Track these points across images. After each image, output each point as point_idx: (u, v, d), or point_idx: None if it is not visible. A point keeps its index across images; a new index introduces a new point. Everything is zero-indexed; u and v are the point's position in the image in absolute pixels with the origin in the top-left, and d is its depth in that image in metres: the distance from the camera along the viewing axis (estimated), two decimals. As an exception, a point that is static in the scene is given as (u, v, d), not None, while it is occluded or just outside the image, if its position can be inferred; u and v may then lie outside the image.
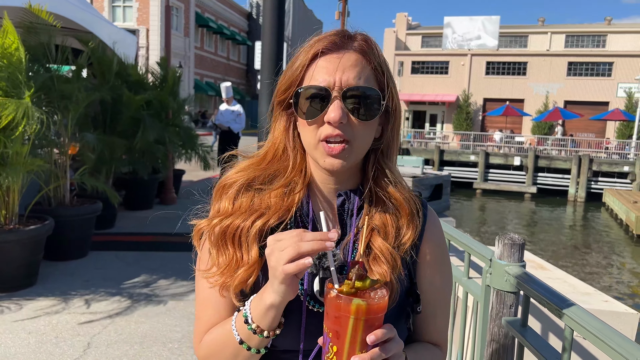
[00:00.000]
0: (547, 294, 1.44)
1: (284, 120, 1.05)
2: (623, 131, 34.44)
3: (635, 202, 18.86)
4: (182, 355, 3.65)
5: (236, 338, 0.93)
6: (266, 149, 1.08)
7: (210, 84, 39.76)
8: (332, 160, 0.96)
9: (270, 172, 1.05)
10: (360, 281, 0.82)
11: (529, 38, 40.83)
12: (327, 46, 0.97)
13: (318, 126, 0.97)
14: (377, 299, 0.81)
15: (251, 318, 0.91)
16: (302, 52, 1.00)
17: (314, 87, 0.96)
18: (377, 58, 0.99)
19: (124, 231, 7.03)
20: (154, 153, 7.75)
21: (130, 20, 31.56)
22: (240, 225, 0.99)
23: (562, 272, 3.41)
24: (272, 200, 1.01)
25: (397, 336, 0.86)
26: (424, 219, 1.09)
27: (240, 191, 1.04)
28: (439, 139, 35.79)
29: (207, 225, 1.03)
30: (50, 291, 4.73)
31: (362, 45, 0.98)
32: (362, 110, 0.95)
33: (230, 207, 1.03)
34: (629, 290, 12.06)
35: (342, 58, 0.96)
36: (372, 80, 0.98)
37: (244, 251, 0.98)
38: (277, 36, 4.64)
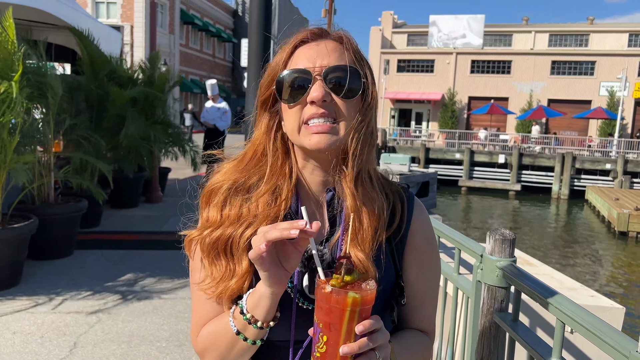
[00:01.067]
0: (539, 288, 1.46)
1: (266, 120, 1.06)
2: (605, 129, 34.94)
3: (616, 199, 19.16)
4: (170, 354, 3.62)
5: (233, 329, 0.95)
6: (246, 149, 1.09)
7: (195, 81, 39.49)
8: (318, 137, 0.96)
9: (253, 175, 1.05)
10: (349, 275, 0.84)
11: (514, 37, 41.20)
12: (306, 37, 1.01)
13: (301, 108, 0.98)
14: (369, 291, 0.84)
15: (246, 308, 0.93)
16: (282, 48, 1.03)
17: (295, 70, 0.98)
18: (355, 47, 1.03)
19: (109, 230, 6.96)
20: (139, 151, 7.68)
21: (114, 17, 31.21)
22: (231, 236, 0.99)
23: (549, 268, 3.45)
24: (259, 208, 1.01)
25: (383, 327, 0.88)
26: (410, 211, 1.10)
27: (227, 198, 1.04)
28: (425, 137, 35.97)
29: (199, 236, 1.03)
30: (34, 291, 4.66)
31: (340, 35, 1.03)
32: (345, 88, 0.97)
33: (218, 216, 1.02)
34: (613, 286, 12.26)
35: (321, 45, 0.99)
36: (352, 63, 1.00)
37: (236, 262, 0.99)
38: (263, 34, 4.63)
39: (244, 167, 1.05)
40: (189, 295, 4.72)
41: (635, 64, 35.79)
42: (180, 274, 5.22)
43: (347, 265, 0.85)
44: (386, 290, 1.04)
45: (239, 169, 1.05)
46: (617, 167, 25.24)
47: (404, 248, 1.09)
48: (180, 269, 5.41)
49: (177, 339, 3.85)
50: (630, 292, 11.90)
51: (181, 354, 3.63)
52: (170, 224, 7.46)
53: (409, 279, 1.09)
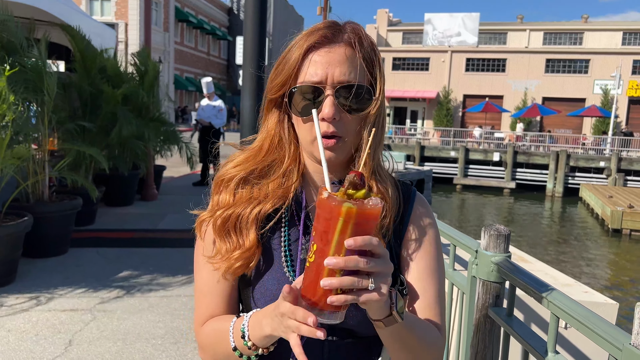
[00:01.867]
0: (533, 283, 1.47)
1: (276, 113, 1.08)
2: (599, 127, 35.11)
3: (610, 197, 19.27)
4: (165, 351, 3.62)
5: (231, 344, 0.98)
6: (261, 141, 1.10)
7: (190, 79, 39.40)
8: (328, 153, 0.99)
9: (266, 164, 1.08)
10: (354, 190, 0.80)
11: (508, 35, 41.32)
12: (319, 40, 0.99)
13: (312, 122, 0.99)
14: (369, 205, 0.78)
15: (248, 335, 0.94)
16: (295, 47, 1.01)
17: (307, 86, 0.98)
18: (367, 49, 1.02)
19: (104, 227, 6.94)
20: (133, 149, 7.65)
21: (109, 15, 31.07)
22: (240, 214, 1.03)
23: (543, 264, 3.47)
24: (269, 189, 1.05)
25: (385, 255, 0.82)
26: (412, 203, 1.12)
27: (239, 184, 1.07)
28: (420, 135, 36.05)
29: (210, 217, 1.06)
30: (29, 289, 4.65)
31: (352, 37, 1.01)
32: (354, 105, 0.99)
33: (231, 199, 1.06)
34: (607, 282, 12.34)
35: (334, 52, 0.99)
36: (362, 73, 1.00)
37: (244, 237, 1.02)
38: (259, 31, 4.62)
39: (262, 159, 1.08)
40: (184, 293, 4.72)
41: (629, 62, 35.97)
42: (176, 272, 5.22)
43: (354, 180, 0.81)
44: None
45: (257, 160, 1.08)
46: (611, 165, 25.39)
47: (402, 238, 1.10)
48: (175, 266, 5.42)
49: (173, 337, 3.85)
50: (624, 289, 11.98)
51: (177, 351, 3.63)
52: (165, 222, 7.45)
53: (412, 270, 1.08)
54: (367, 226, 0.79)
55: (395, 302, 0.88)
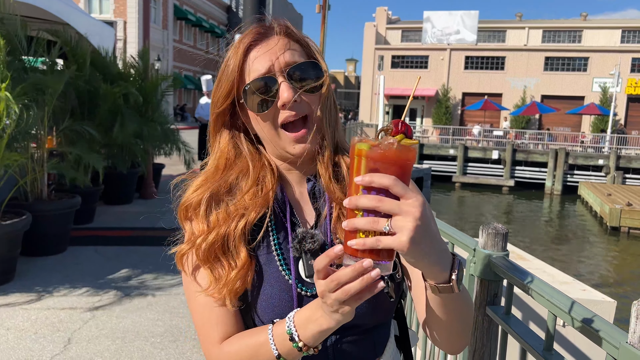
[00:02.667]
0: (531, 281, 1.47)
1: (227, 130, 1.07)
2: (598, 125, 35.13)
3: (609, 195, 19.29)
4: (164, 350, 3.63)
5: (273, 352, 0.92)
6: (216, 160, 1.07)
7: (189, 77, 39.35)
8: (300, 146, 0.99)
9: (230, 179, 1.04)
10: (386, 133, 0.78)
11: (507, 33, 41.30)
12: (254, 38, 1.00)
13: (273, 114, 0.99)
14: (382, 145, 0.76)
15: (298, 336, 0.89)
16: (232, 55, 1.01)
17: (259, 79, 0.97)
18: (299, 35, 1.04)
19: (103, 226, 6.94)
20: (133, 148, 7.65)
21: (107, 12, 31.03)
22: (226, 233, 0.99)
23: (541, 263, 3.48)
24: (247, 200, 1.01)
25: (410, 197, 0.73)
26: None
27: (208, 208, 1.03)
28: (419, 133, 36.02)
29: (190, 248, 1.03)
30: (28, 287, 4.65)
31: (283, 28, 1.03)
32: (309, 83, 0.99)
33: (205, 225, 1.01)
34: (605, 280, 12.36)
35: (271, 44, 0.99)
36: (303, 54, 1.02)
37: (236, 257, 0.99)
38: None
39: (221, 176, 1.05)
40: (183, 291, 4.71)
41: (627, 60, 35.98)
42: (175, 270, 5.19)
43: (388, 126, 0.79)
44: None
45: (217, 178, 1.05)
46: (609, 163, 25.40)
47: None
48: (174, 265, 5.40)
49: (172, 335, 3.85)
50: (622, 286, 12.01)
51: (175, 349, 3.64)
52: (164, 221, 7.42)
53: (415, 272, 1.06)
54: (386, 168, 0.76)
55: (457, 270, 0.84)
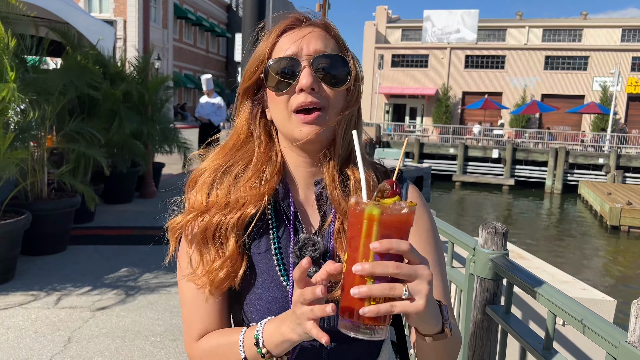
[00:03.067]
0: (530, 280, 1.47)
1: (247, 108, 1.06)
2: (598, 124, 35.12)
3: (609, 194, 19.28)
4: (164, 349, 3.63)
5: (240, 354, 0.92)
6: (229, 137, 1.08)
7: (189, 76, 39.33)
8: (308, 128, 0.96)
9: (237, 161, 1.04)
10: (382, 197, 0.79)
11: (507, 32, 41.27)
12: (290, 23, 1.00)
13: (289, 96, 0.97)
14: (391, 209, 0.77)
15: (262, 342, 0.89)
16: (266, 35, 1.02)
17: (283, 58, 0.97)
18: (338, 35, 1.03)
19: (103, 225, 6.94)
20: (132, 147, 7.65)
21: (107, 11, 31.00)
22: (219, 222, 0.99)
23: (541, 261, 3.48)
24: (246, 191, 1.00)
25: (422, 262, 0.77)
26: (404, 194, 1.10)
27: (213, 182, 1.03)
28: (419, 132, 36.03)
29: (184, 221, 1.02)
30: (28, 286, 4.65)
31: (323, 21, 1.02)
32: (332, 76, 0.97)
33: (204, 199, 1.02)
34: (605, 279, 12.36)
35: (306, 30, 0.99)
36: (335, 48, 1.01)
37: (224, 247, 0.98)
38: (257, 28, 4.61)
39: (226, 153, 1.05)
40: (183, 290, 4.72)
41: (628, 59, 35.96)
42: (174, 269, 5.19)
43: (384, 186, 0.80)
44: None
45: (222, 155, 1.05)
46: (609, 162, 25.40)
47: None
48: (174, 263, 5.41)
49: (172, 334, 3.85)
50: (622, 285, 12.01)
51: (175, 348, 3.64)
52: (164, 219, 7.43)
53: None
54: (395, 232, 0.77)
55: (448, 317, 0.87)
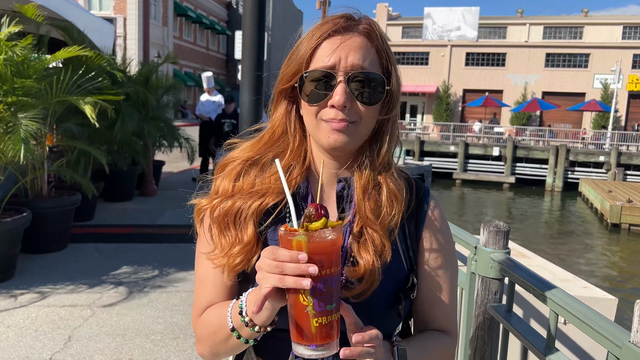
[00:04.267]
0: (532, 280, 1.46)
1: (284, 104, 1.06)
2: (599, 122, 35.09)
3: (609, 192, 19.27)
4: (165, 347, 3.62)
5: (229, 325, 0.94)
6: (264, 131, 1.09)
7: (189, 74, 39.28)
8: (336, 135, 0.97)
9: (267, 154, 1.06)
10: (309, 222, 0.82)
11: (508, 29, 41.19)
12: (332, 29, 0.97)
13: (320, 109, 0.97)
14: (318, 238, 0.81)
15: (245, 311, 0.91)
16: (307, 37, 1.00)
17: (319, 71, 0.96)
18: (381, 42, 1.00)
19: (103, 223, 6.94)
20: (133, 145, 7.64)
21: (107, 9, 30.94)
22: (241, 207, 1.01)
23: (542, 260, 3.47)
24: (271, 183, 1.02)
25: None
26: (425, 206, 1.10)
27: (241, 171, 1.05)
28: (420, 130, 36.00)
29: (208, 205, 1.05)
30: (28, 284, 4.64)
31: (367, 28, 0.99)
32: (367, 94, 0.96)
33: (230, 187, 1.04)
34: (606, 277, 12.35)
35: (347, 40, 0.97)
36: (376, 64, 0.99)
37: (243, 232, 1.00)
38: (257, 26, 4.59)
39: (261, 147, 1.07)
40: (183, 289, 4.72)
41: (629, 56, 35.89)
42: (175, 267, 5.22)
43: (310, 212, 0.83)
44: (398, 282, 1.03)
45: (256, 148, 1.07)
46: (610, 160, 25.37)
47: (419, 239, 1.08)
48: (174, 262, 5.42)
49: (172, 332, 3.85)
50: (623, 283, 12.00)
51: (176, 346, 3.64)
52: (164, 218, 7.44)
53: (422, 274, 1.08)
54: (324, 257, 0.81)
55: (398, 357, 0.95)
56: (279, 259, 0.81)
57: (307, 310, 0.81)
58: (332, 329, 0.83)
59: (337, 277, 0.83)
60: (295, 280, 0.79)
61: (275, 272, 0.81)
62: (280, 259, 0.81)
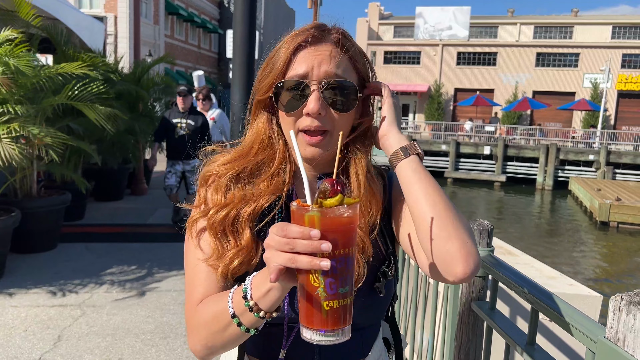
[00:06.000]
0: (514, 277, 1.49)
1: (265, 114, 1.09)
2: (588, 121, 35.35)
3: (599, 190, 19.44)
4: (155, 346, 3.63)
5: (229, 311, 0.90)
6: (251, 142, 1.09)
7: (181, 72, 39.11)
8: (312, 149, 1.01)
9: (256, 162, 1.07)
10: (324, 198, 0.77)
11: (499, 29, 41.38)
12: (306, 39, 1.00)
13: (297, 118, 1.01)
14: (333, 214, 0.76)
15: (250, 294, 0.87)
16: (282, 48, 1.02)
17: (293, 80, 0.99)
18: (354, 48, 1.03)
19: (94, 222, 6.92)
20: (124, 144, 7.62)
21: (97, 7, 30.72)
22: (236, 214, 1.02)
23: (529, 257, 3.51)
24: (261, 188, 1.04)
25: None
26: (391, 183, 1.14)
27: (230, 184, 1.05)
28: (411, 129, 36.11)
29: (202, 216, 1.04)
30: (18, 284, 4.63)
31: (338, 37, 1.02)
32: (340, 101, 1.00)
33: (222, 198, 1.03)
34: (593, 275, 12.47)
35: (320, 50, 1.00)
36: (349, 71, 1.02)
37: (240, 237, 1.01)
38: (249, 25, 4.60)
39: (252, 158, 1.07)
40: (174, 288, 4.72)
41: (618, 56, 36.18)
42: (166, 267, 5.22)
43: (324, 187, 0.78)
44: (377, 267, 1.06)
45: (247, 159, 1.07)
46: (600, 158, 25.59)
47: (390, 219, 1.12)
48: (165, 261, 5.42)
49: (162, 331, 3.85)
50: (610, 281, 12.13)
51: (166, 346, 3.64)
52: (155, 217, 7.43)
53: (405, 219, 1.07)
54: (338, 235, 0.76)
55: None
56: (290, 236, 0.76)
57: (317, 292, 0.76)
58: (345, 314, 0.78)
59: (352, 258, 0.78)
60: (310, 261, 0.74)
61: (285, 249, 0.76)
62: (291, 235, 0.76)
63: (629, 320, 0.98)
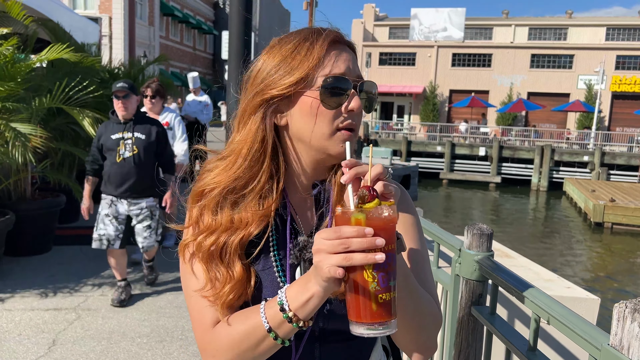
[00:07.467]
0: (515, 282, 1.48)
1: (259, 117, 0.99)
2: (583, 122, 35.51)
3: (593, 191, 19.52)
4: (150, 350, 3.60)
5: (264, 326, 0.90)
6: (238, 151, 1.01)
7: (175, 73, 39.03)
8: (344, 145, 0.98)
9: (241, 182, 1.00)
10: (363, 202, 0.83)
11: (494, 30, 41.51)
12: (336, 37, 1.00)
13: (336, 114, 0.97)
14: (375, 215, 0.81)
15: (288, 306, 0.87)
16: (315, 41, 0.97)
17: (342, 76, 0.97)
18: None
19: (88, 225, 6.85)
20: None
21: (92, 8, 30.61)
22: (225, 242, 0.98)
23: (526, 260, 3.51)
24: (249, 212, 0.99)
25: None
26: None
27: (218, 202, 1.00)
28: (407, 130, 36.16)
29: (193, 241, 1.00)
30: (11, 287, 4.59)
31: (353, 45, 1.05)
32: (368, 103, 1.02)
33: (212, 221, 1.00)
34: (589, 276, 12.51)
35: (347, 51, 1.01)
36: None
37: (232, 268, 0.98)
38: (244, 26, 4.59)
39: (235, 172, 0.99)
40: (170, 291, 4.69)
41: (612, 57, 36.37)
42: (161, 269, 5.18)
43: (363, 193, 0.84)
44: None
45: (231, 174, 0.99)
46: (594, 159, 25.71)
47: None
48: (161, 264, 5.38)
49: (158, 335, 3.83)
50: (605, 282, 12.16)
51: (162, 349, 3.61)
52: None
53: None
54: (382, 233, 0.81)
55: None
56: (344, 236, 0.79)
57: (371, 286, 0.80)
58: (393, 306, 0.83)
59: (395, 254, 0.84)
60: (366, 255, 0.78)
61: (339, 250, 0.79)
62: (345, 235, 0.79)
63: (634, 328, 0.97)
